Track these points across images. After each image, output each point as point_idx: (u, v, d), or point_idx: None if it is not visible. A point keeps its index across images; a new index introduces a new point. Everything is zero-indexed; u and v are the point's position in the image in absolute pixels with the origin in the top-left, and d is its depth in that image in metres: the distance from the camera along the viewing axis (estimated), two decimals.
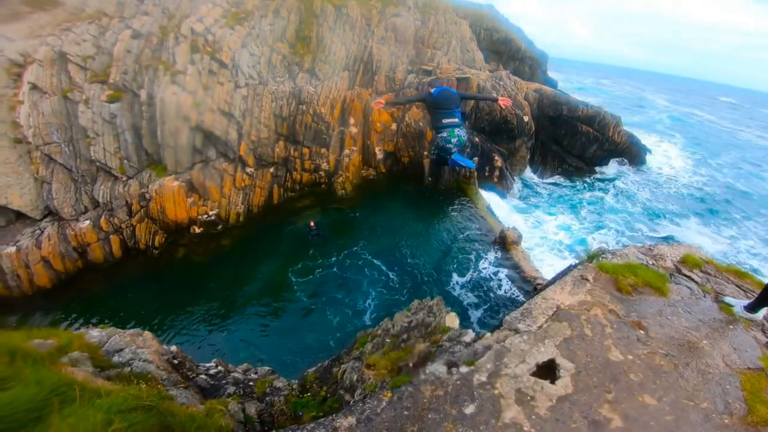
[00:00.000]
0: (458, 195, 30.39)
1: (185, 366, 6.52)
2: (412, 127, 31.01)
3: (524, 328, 3.90)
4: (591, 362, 3.65)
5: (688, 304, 4.61)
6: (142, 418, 2.75)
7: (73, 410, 2.59)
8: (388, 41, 32.60)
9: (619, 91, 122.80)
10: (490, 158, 32.83)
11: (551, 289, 4.46)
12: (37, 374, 3.05)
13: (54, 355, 4.27)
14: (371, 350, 6.88)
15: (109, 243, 20.54)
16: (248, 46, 24.30)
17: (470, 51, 41.93)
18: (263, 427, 5.40)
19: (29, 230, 19.91)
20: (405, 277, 21.16)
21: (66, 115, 20.46)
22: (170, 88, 21.29)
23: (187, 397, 4.65)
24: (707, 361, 3.86)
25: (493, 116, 35.22)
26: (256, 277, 20.83)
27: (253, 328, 17.94)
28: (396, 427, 3.00)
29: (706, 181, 46.59)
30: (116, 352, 5.40)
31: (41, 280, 18.82)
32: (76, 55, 20.68)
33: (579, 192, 37.45)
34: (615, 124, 42.11)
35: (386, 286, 20.55)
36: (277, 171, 26.35)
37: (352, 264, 21.85)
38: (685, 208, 38.05)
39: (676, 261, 5.50)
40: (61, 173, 20.77)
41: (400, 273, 21.44)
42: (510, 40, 55.29)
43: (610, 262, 5.06)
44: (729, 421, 3.28)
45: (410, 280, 21.01)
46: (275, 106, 25.07)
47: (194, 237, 22.75)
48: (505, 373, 3.43)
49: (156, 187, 21.45)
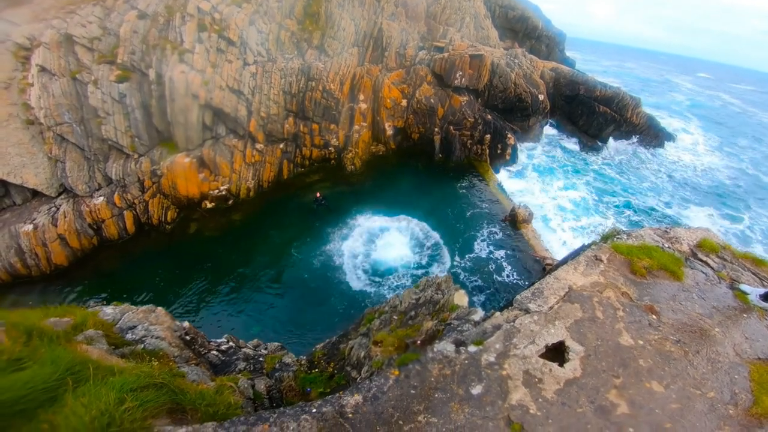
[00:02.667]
0: (469, 172, 30.11)
1: (197, 342, 6.66)
2: (423, 103, 30.50)
3: (535, 308, 3.84)
4: (601, 346, 3.60)
5: (703, 290, 4.49)
6: (153, 397, 2.80)
7: (87, 389, 2.63)
8: (399, 17, 31.71)
9: (642, 73, 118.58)
10: (503, 136, 32.25)
11: (564, 269, 4.37)
12: (53, 353, 3.11)
13: (70, 333, 4.35)
14: (378, 327, 6.92)
15: (123, 219, 20.90)
16: (256, 24, 23.86)
17: (484, 28, 40.66)
18: (272, 404, 5.51)
19: (45, 207, 20.30)
20: (413, 254, 21.19)
21: (76, 96, 20.55)
22: (178, 67, 21.14)
23: (198, 374, 4.75)
24: (718, 350, 3.78)
25: (506, 94, 34.41)
26: (266, 252, 21.09)
27: (264, 303, 18.26)
28: (402, 405, 3.01)
29: (724, 167, 45.22)
30: (129, 330, 5.52)
31: (58, 258, 19.28)
32: (82, 37, 20.57)
33: (589, 170, 36.64)
34: (634, 105, 40.88)
35: (394, 262, 20.60)
36: (287, 147, 26.34)
37: (360, 241, 21.90)
38: (700, 193, 37.16)
39: (692, 245, 5.34)
40: (74, 152, 21.00)
41: (408, 250, 21.46)
42: (527, 18, 53.45)
43: (625, 243, 4.93)
44: (733, 412, 3.23)
45: (418, 257, 21.04)
46: (284, 82, 24.79)
47: (205, 212, 23.07)
48: (514, 353, 3.40)
49: (167, 164, 21.64)
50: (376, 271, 19.92)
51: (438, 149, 30.92)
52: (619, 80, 74.93)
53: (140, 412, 2.56)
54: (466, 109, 31.71)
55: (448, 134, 31.03)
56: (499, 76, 34.03)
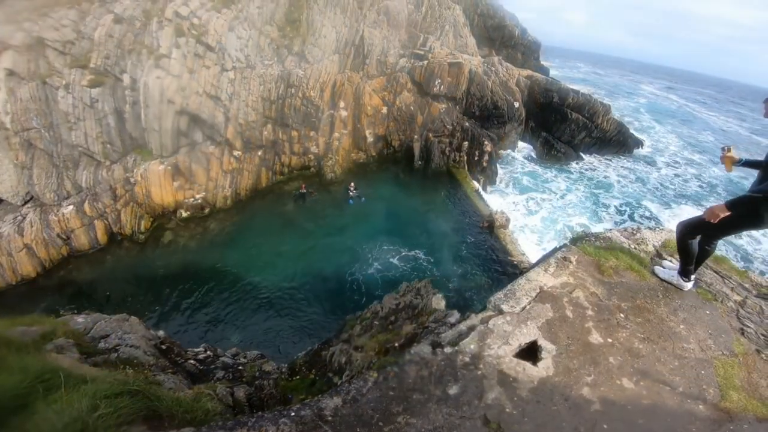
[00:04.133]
0: (448, 179, 30.55)
1: (173, 351, 6.52)
2: (403, 110, 30.84)
3: (508, 309, 3.95)
4: (572, 344, 3.73)
5: (667, 288, 4.71)
6: (128, 403, 2.73)
7: (58, 396, 2.56)
8: (381, 25, 32.06)
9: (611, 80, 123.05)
10: (480, 143, 32.84)
11: (535, 271, 4.51)
12: (22, 362, 3.03)
13: (39, 342, 4.22)
14: (360, 333, 6.94)
15: (94, 228, 20.22)
16: (235, 30, 23.70)
17: (463, 36, 41.49)
18: (252, 411, 5.44)
19: (10, 217, 19.47)
20: (393, 260, 21.27)
21: (45, 101, 19.89)
22: (154, 72, 20.75)
23: (175, 382, 4.66)
24: (684, 346, 3.96)
25: (483, 101, 35.12)
26: (243, 261, 20.74)
27: (242, 312, 17.93)
28: (381, 407, 3.04)
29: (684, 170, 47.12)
30: (102, 338, 5.37)
31: (25, 269, 18.49)
32: (54, 41, 20.02)
33: (564, 177, 37.65)
34: (604, 112, 42.33)
35: (375, 269, 20.64)
36: (265, 154, 26.09)
37: (340, 248, 21.85)
38: (665, 195, 38.62)
39: (657, 245, 5.61)
40: (42, 159, 20.27)
41: (388, 255, 21.55)
42: (504, 27, 54.87)
43: (593, 245, 5.13)
44: (703, 407, 3.38)
45: (398, 262, 21.13)
46: (263, 89, 24.64)
47: (181, 221, 22.58)
48: (488, 353, 3.49)
49: (141, 171, 21.11)
50: (358, 278, 19.88)
51: (418, 156, 31.23)
52: (590, 87, 77.55)
53: (115, 419, 2.50)
54: (445, 117, 32.21)
55: (427, 141, 31.42)
56: (477, 83, 34.74)
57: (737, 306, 4.70)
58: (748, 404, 3.45)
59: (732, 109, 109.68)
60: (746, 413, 3.36)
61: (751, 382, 3.75)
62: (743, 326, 4.38)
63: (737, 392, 3.55)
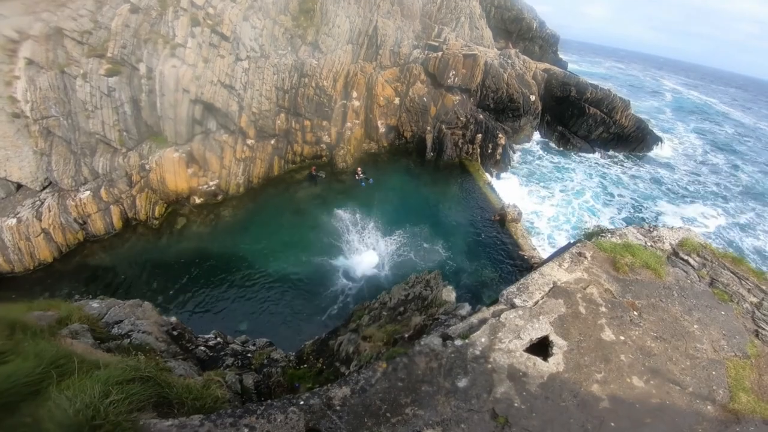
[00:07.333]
0: (460, 171, 30.34)
1: (184, 337, 6.62)
2: (416, 102, 30.57)
3: (520, 303, 3.91)
4: (584, 341, 3.68)
5: (683, 287, 4.61)
6: (139, 390, 2.77)
7: (71, 382, 2.59)
8: (394, 15, 31.69)
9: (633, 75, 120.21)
10: (494, 136, 32.46)
11: (549, 266, 4.45)
12: (36, 347, 3.06)
13: (54, 327, 4.29)
14: (368, 323, 6.96)
15: (110, 213, 20.58)
16: (250, 19, 23.65)
17: (479, 28, 40.83)
18: (260, 398, 5.51)
19: (29, 201, 19.92)
20: (403, 250, 21.26)
21: (63, 90, 20.19)
22: (170, 62, 20.90)
23: (185, 369, 4.74)
24: (697, 346, 3.88)
25: (498, 94, 34.62)
26: (255, 248, 20.95)
27: (252, 299, 18.15)
28: (390, 398, 3.04)
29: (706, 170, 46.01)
30: (116, 324, 5.47)
31: (42, 254, 18.93)
32: (72, 30, 20.24)
33: (579, 171, 37.04)
34: (624, 107, 41.34)
35: (384, 258, 20.65)
36: (278, 143, 26.19)
37: (352, 237, 21.87)
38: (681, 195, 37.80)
39: (674, 244, 5.47)
40: (60, 146, 20.63)
41: (398, 245, 21.55)
42: (521, 19, 53.79)
43: (608, 241, 5.04)
44: (711, 408, 3.33)
45: (408, 252, 21.12)
46: (277, 78, 24.64)
47: (194, 207, 22.89)
48: (499, 347, 3.46)
49: (156, 158, 21.39)
50: (367, 268, 19.92)
51: (430, 148, 31.01)
52: (610, 82, 75.83)
53: (126, 405, 2.53)
54: (459, 109, 31.84)
55: (440, 133, 31.15)
56: (492, 76, 34.21)
57: (753, 308, 4.58)
58: (756, 406, 3.38)
59: (754, 108, 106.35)
60: (754, 415, 3.30)
61: (762, 384, 3.67)
62: (758, 328, 4.27)
63: (747, 394, 3.48)
